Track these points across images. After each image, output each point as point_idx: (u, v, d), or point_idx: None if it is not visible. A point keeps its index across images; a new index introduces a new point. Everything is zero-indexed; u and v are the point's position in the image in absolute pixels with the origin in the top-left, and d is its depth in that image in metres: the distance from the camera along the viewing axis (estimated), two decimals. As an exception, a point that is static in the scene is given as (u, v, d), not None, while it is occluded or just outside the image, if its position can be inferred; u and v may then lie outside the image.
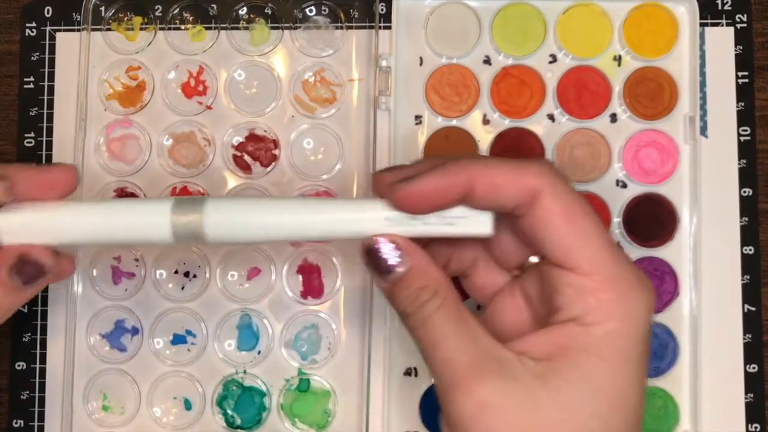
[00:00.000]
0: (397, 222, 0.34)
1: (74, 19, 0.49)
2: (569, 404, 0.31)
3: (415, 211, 0.33)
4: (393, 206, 0.34)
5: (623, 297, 0.32)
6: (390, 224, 0.34)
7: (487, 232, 0.34)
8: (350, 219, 0.34)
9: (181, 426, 0.47)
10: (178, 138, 0.48)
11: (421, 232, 0.34)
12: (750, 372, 0.47)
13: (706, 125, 0.48)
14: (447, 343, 0.32)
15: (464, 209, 0.34)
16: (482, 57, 0.48)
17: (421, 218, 0.34)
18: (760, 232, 0.48)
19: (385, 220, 0.34)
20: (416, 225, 0.34)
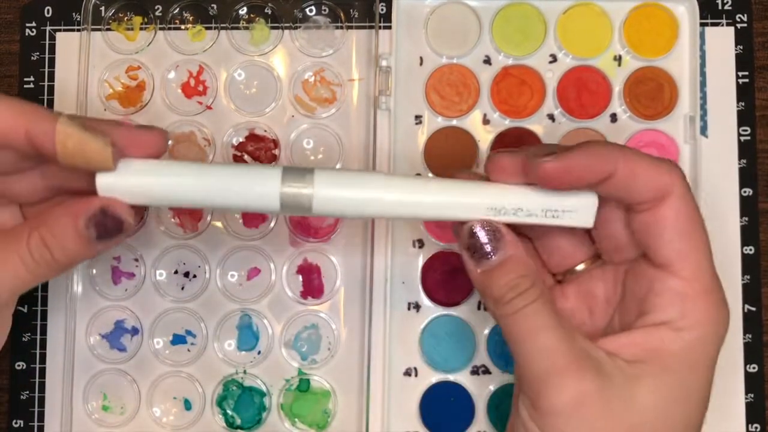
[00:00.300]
0: (500, 211, 0.34)
1: (74, 19, 0.49)
2: (663, 407, 0.33)
3: (556, 186, 0.33)
4: (525, 182, 0.34)
5: (714, 308, 0.34)
6: (493, 213, 0.34)
7: (589, 224, 0.35)
8: (454, 204, 0.34)
9: (181, 426, 0.47)
10: (178, 138, 0.48)
11: (524, 221, 0.34)
12: (750, 372, 0.47)
13: (706, 125, 0.48)
14: (546, 333, 0.33)
15: (569, 200, 0.34)
16: (482, 57, 0.48)
17: (525, 210, 0.34)
18: (761, 232, 0.48)
19: (491, 209, 0.34)
20: (520, 216, 0.34)
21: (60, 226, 0.33)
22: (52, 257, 0.34)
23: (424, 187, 0.35)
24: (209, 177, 0.34)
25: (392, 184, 0.34)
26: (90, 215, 0.33)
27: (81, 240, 0.33)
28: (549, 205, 0.34)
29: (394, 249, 0.46)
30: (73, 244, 0.33)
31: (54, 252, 0.34)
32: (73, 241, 0.33)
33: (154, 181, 0.34)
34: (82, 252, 0.34)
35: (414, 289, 0.47)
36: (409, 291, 0.47)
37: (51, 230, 0.33)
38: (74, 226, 0.33)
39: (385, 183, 0.34)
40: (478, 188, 0.35)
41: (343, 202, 0.34)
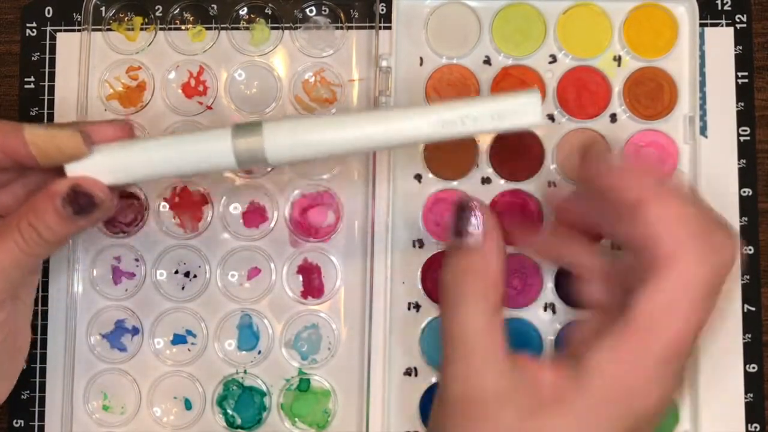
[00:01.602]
0: (448, 123, 0.35)
1: (75, 19, 0.49)
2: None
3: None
4: None
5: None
6: (442, 125, 0.35)
7: (537, 120, 0.35)
8: (402, 127, 0.35)
9: (182, 426, 0.47)
10: (178, 138, 0.48)
11: (474, 129, 0.35)
12: (750, 372, 0.47)
13: (705, 125, 0.48)
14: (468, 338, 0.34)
15: (513, 99, 0.35)
16: (482, 57, 0.48)
17: (471, 117, 0.35)
18: (760, 232, 0.48)
19: (435, 124, 0.35)
20: (468, 124, 0.35)
21: (41, 208, 0.36)
22: (39, 237, 0.37)
23: (373, 118, 0.36)
24: (166, 147, 0.37)
25: (341, 122, 0.36)
26: (63, 194, 0.36)
27: (61, 218, 0.36)
28: (494, 109, 0.35)
29: (394, 248, 0.46)
30: (54, 222, 0.37)
31: (41, 232, 0.37)
32: (54, 219, 0.36)
33: (117, 158, 0.37)
34: (66, 228, 0.37)
35: (414, 289, 0.47)
36: (409, 291, 0.47)
37: (35, 213, 0.37)
38: (53, 206, 0.36)
39: (335, 122, 0.36)
40: (423, 107, 0.36)
41: (295, 146, 0.36)
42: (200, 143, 0.36)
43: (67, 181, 0.36)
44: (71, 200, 0.36)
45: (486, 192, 0.47)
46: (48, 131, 0.36)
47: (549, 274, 0.47)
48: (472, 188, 0.47)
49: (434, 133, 0.35)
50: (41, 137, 0.36)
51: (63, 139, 0.36)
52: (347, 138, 0.36)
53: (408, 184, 0.47)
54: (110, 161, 0.37)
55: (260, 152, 0.36)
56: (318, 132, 0.36)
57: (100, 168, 0.37)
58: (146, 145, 0.37)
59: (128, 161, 0.37)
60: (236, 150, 0.36)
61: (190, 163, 0.37)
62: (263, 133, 0.36)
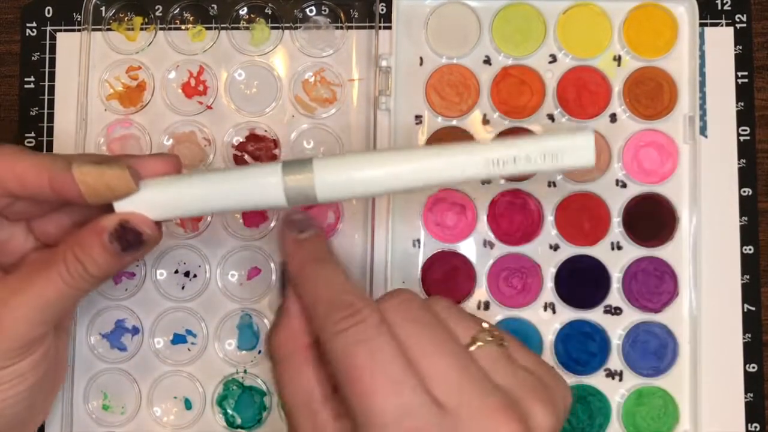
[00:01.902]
0: (499, 162, 0.34)
1: (75, 19, 0.49)
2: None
3: None
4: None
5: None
6: (494, 165, 0.34)
7: (591, 162, 0.34)
8: (453, 164, 0.34)
9: (182, 426, 0.47)
10: (178, 138, 0.48)
11: (526, 169, 0.34)
12: (750, 372, 0.47)
13: (705, 125, 0.48)
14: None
15: (567, 140, 0.34)
16: (482, 57, 0.48)
17: (524, 157, 0.34)
18: (760, 231, 0.48)
19: (489, 163, 0.34)
20: (520, 164, 0.34)
21: (88, 243, 0.36)
22: (86, 271, 0.36)
23: (422, 155, 0.35)
24: (214, 183, 0.36)
25: (390, 159, 0.35)
26: (111, 230, 0.35)
27: (108, 253, 0.36)
28: (546, 149, 0.34)
29: (394, 249, 0.46)
30: (101, 258, 0.36)
31: (87, 266, 0.36)
32: (101, 255, 0.36)
33: (165, 194, 0.36)
34: (112, 264, 0.36)
35: (414, 289, 0.47)
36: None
37: (81, 247, 0.36)
38: (100, 241, 0.35)
39: (383, 159, 0.35)
40: (474, 145, 0.35)
41: (345, 185, 0.35)
42: (249, 180, 0.35)
43: (116, 216, 0.36)
44: (119, 236, 0.35)
45: (486, 192, 0.47)
46: (97, 169, 0.35)
47: (549, 274, 0.47)
48: (472, 188, 0.47)
49: (485, 172, 0.34)
50: (90, 175, 0.35)
51: (112, 177, 0.35)
52: (397, 176, 0.35)
53: (408, 184, 0.47)
54: (158, 197, 0.36)
55: (311, 190, 0.35)
56: (368, 170, 0.35)
57: (148, 203, 0.36)
58: (194, 180, 0.36)
59: (176, 197, 0.36)
60: (286, 187, 0.35)
61: (238, 200, 0.36)
62: (314, 170, 0.35)
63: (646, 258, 0.47)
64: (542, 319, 0.47)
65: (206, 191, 0.35)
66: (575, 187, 0.47)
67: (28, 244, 0.39)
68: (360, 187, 0.35)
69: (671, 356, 0.47)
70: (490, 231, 0.47)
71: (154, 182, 0.36)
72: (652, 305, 0.47)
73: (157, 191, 0.36)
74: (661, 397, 0.47)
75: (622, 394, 0.47)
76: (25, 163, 0.35)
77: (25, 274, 0.37)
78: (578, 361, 0.47)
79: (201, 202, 0.36)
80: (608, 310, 0.47)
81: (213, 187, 0.35)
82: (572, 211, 0.47)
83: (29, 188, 0.35)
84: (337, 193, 0.35)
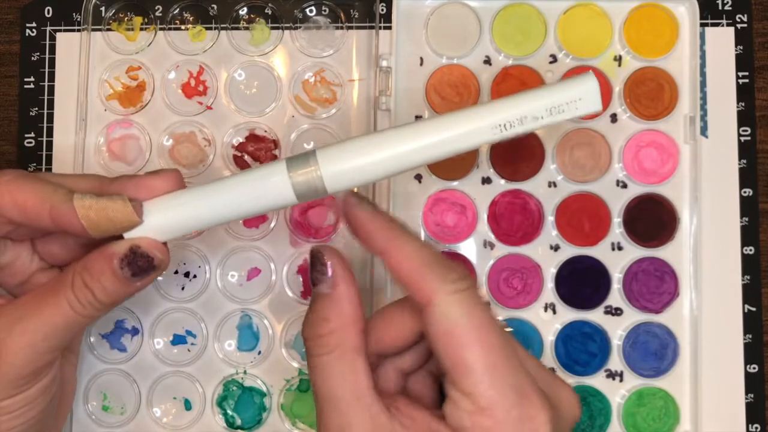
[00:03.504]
0: (507, 125, 0.33)
1: (74, 19, 0.49)
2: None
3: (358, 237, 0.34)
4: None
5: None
6: (502, 130, 0.33)
7: (598, 107, 0.34)
8: (461, 135, 0.34)
9: (181, 426, 0.47)
10: (178, 138, 0.48)
11: (535, 126, 0.33)
12: (750, 372, 0.47)
13: (706, 125, 0.48)
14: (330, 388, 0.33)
15: (570, 90, 0.33)
16: (482, 57, 0.48)
17: (530, 116, 0.33)
18: (761, 232, 0.48)
19: (497, 128, 0.33)
20: (527, 123, 0.33)
21: (97, 269, 0.35)
22: (95, 298, 0.35)
23: (427, 130, 0.34)
24: (220, 194, 0.35)
25: (394, 138, 0.34)
26: (121, 256, 0.34)
27: (118, 280, 0.35)
28: (552, 102, 0.33)
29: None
30: (111, 284, 0.35)
31: (96, 293, 0.35)
32: (111, 282, 0.35)
33: (172, 214, 0.35)
34: (121, 290, 0.35)
35: (414, 290, 0.47)
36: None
37: (90, 273, 0.35)
38: (110, 268, 0.35)
39: (387, 139, 0.34)
40: (478, 112, 0.34)
41: (353, 170, 0.34)
42: (255, 183, 0.34)
43: (126, 242, 0.35)
44: (130, 262, 0.34)
45: (486, 192, 0.47)
46: (99, 202, 0.34)
47: (549, 275, 0.47)
48: (472, 188, 0.47)
49: (494, 136, 0.34)
50: (93, 209, 0.34)
51: (115, 211, 0.34)
52: (405, 155, 0.34)
53: (408, 184, 0.47)
54: (165, 219, 0.35)
55: (319, 182, 0.34)
56: (374, 151, 0.34)
57: (155, 226, 0.35)
58: (198, 194, 0.35)
59: (183, 215, 0.35)
60: (294, 184, 0.34)
61: (248, 206, 0.34)
62: (318, 161, 0.34)
63: (646, 258, 0.47)
64: (542, 319, 0.47)
65: (213, 203, 0.35)
66: (575, 188, 0.47)
67: (33, 264, 0.39)
68: (369, 171, 0.34)
69: (672, 357, 0.47)
70: (491, 231, 0.47)
71: (158, 203, 0.35)
72: (653, 306, 0.47)
73: (163, 213, 0.35)
74: (662, 397, 0.46)
75: (622, 395, 0.47)
76: (26, 193, 0.34)
77: (32, 301, 0.36)
78: (579, 362, 0.47)
79: (209, 216, 0.35)
80: (609, 311, 0.47)
81: (219, 197, 0.34)
82: (572, 212, 0.47)
83: (30, 218, 0.35)
84: (347, 182, 0.34)
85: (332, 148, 0.34)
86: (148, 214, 0.35)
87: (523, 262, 0.47)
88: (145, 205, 0.35)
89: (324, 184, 0.34)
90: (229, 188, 0.35)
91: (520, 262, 0.47)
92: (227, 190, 0.34)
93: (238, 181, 0.35)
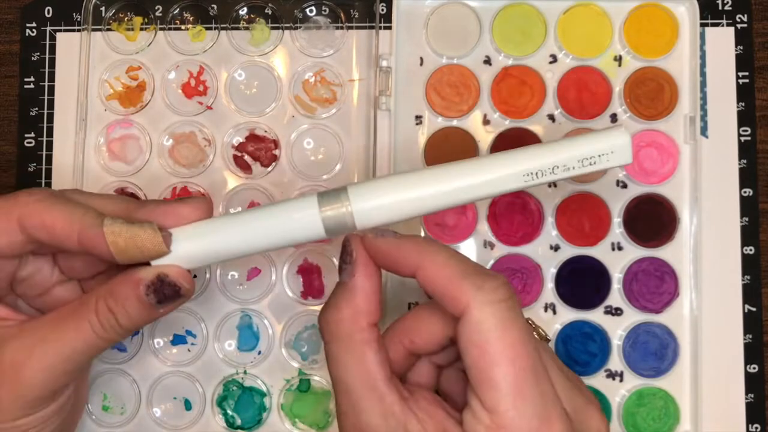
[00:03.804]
0: (537, 174, 0.33)
1: (74, 19, 0.49)
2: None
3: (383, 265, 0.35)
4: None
5: None
6: (531, 178, 0.34)
7: (629, 160, 0.34)
8: (491, 180, 0.34)
9: (181, 426, 0.47)
10: (178, 138, 0.48)
11: (566, 176, 0.34)
12: (750, 372, 0.47)
13: (706, 125, 0.48)
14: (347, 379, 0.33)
15: (602, 143, 0.33)
16: (482, 57, 0.48)
17: (562, 165, 0.33)
18: (761, 232, 0.48)
19: (528, 175, 0.34)
20: (559, 173, 0.34)
21: (123, 294, 0.35)
22: (117, 323, 0.35)
23: (458, 173, 0.34)
24: (249, 225, 0.35)
25: (425, 179, 0.34)
26: (148, 283, 0.34)
27: (143, 306, 0.35)
28: (583, 153, 0.33)
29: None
30: (135, 310, 0.35)
31: (119, 318, 0.35)
32: (136, 307, 0.35)
33: (199, 243, 0.35)
34: (145, 316, 0.35)
35: (414, 289, 0.47)
36: (409, 291, 0.47)
37: (115, 298, 0.35)
38: (136, 294, 0.34)
39: (418, 180, 0.34)
40: (510, 158, 0.34)
41: (383, 209, 0.34)
42: (285, 216, 0.34)
43: (154, 269, 0.34)
44: (156, 289, 0.34)
45: (486, 192, 0.47)
46: (129, 230, 0.34)
47: (549, 275, 0.47)
48: (473, 188, 0.47)
49: (524, 184, 0.34)
50: (122, 237, 0.34)
51: (145, 241, 0.34)
52: (434, 197, 0.34)
53: (408, 184, 0.47)
54: (192, 247, 0.35)
55: (349, 219, 0.34)
56: (404, 193, 0.34)
57: (182, 254, 0.35)
58: (227, 224, 0.35)
59: (211, 244, 0.35)
60: (324, 219, 0.34)
61: (276, 238, 0.34)
62: (350, 198, 0.34)
63: (646, 258, 0.47)
64: (543, 319, 0.47)
65: (241, 234, 0.34)
66: (576, 188, 0.47)
67: (53, 277, 0.39)
68: (397, 210, 0.34)
69: (672, 357, 0.47)
70: (491, 231, 0.47)
71: (186, 231, 0.35)
72: (653, 306, 0.47)
73: (191, 242, 0.35)
74: (662, 397, 0.46)
75: (622, 395, 0.47)
76: (55, 214, 0.34)
77: (54, 322, 0.36)
78: (579, 362, 0.47)
79: (236, 246, 0.35)
80: (609, 311, 0.47)
81: (247, 228, 0.34)
82: (573, 212, 0.47)
83: (57, 240, 0.35)
84: (376, 219, 0.34)
85: (364, 186, 0.34)
86: (176, 242, 0.35)
87: (523, 262, 0.47)
88: (174, 233, 0.35)
89: (354, 221, 0.34)
90: (258, 219, 0.35)
91: (520, 262, 0.47)
92: (256, 221, 0.35)
93: (268, 213, 0.35)
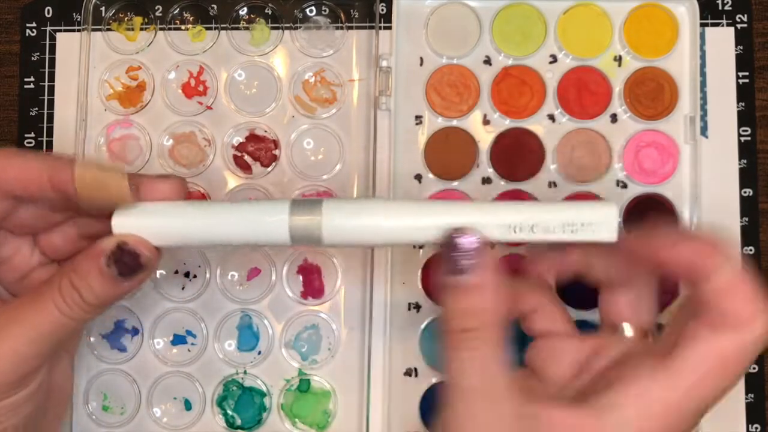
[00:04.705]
0: (515, 228, 0.33)
1: (74, 19, 0.49)
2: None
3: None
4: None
5: None
6: (507, 231, 0.33)
7: (612, 238, 0.33)
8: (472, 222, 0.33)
9: (181, 426, 0.47)
10: (178, 138, 0.48)
11: (542, 238, 0.33)
12: (750, 372, 0.47)
13: (706, 125, 0.48)
14: (467, 386, 0.32)
15: (589, 212, 0.33)
16: (482, 57, 0.48)
17: (542, 226, 0.33)
18: (761, 232, 0.48)
19: (505, 227, 0.33)
20: (537, 232, 0.33)
21: (84, 267, 0.34)
22: (81, 299, 0.34)
23: (438, 211, 0.34)
24: (219, 215, 0.35)
25: (403, 210, 0.34)
26: (108, 253, 0.34)
27: (105, 279, 0.34)
28: (566, 219, 0.33)
29: (394, 249, 0.46)
30: (98, 283, 0.34)
31: (83, 293, 0.34)
32: (98, 280, 0.34)
33: (166, 221, 0.35)
34: (109, 291, 0.35)
35: (414, 289, 0.47)
36: (409, 291, 0.47)
37: (78, 273, 0.34)
38: (96, 265, 0.34)
39: (396, 209, 0.34)
40: (493, 207, 0.34)
41: (352, 230, 0.34)
42: (255, 215, 0.34)
43: (113, 238, 0.34)
44: (117, 259, 0.34)
45: (486, 192, 0.47)
46: (97, 170, 0.34)
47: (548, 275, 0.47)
48: (472, 188, 0.47)
49: (501, 235, 0.33)
50: (89, 174, 0.33)
51: (111, 178, 0.33)
52: (410, 229, 0.34)
53: (408, 184, 0.47)
54: (159, 223, 0.35)
55: (317, 231, 0.34)
56: (379, 218, 0.34)
57: (148, 229, 0.34)
58: (198, 210, 0.35)
59: (178, 225, 0.35)
60: (292, 226, 0.34)
61: (242, 234, 0.35)
62: (322, 212, 0.34)
63: (646, 258, 0.47)
64: (542, 319, 0.47)
65: (208, 221, 0.35)
66: (576, 188, 0.47)
67: (34, 259, 0.39)
68: (368, 235, 0.34)
69: (672, 357, 0.47)
70: (491, 231, 0.47)
71: (156, 206, 0.35)
72: (653, 306, 0.47)
73: (159, 217, 0.35)
74: (662, 397, 0.46)
75: (622, 395, 0.47)
76: (29, 162, 0.34)
77: (18, 305, 0.35)
78: (578, 362, 0.47)
79: (201, 233, 0.35)
80: (609, 311, 0.47)
81: (215, 218, 0.35)
82: (573, 212, 0.47)
83: (31, 188, 0.35)
84: (344, 239, 0.34)
85: (339, 203, 0.34)
86: (143, 214, 0.35)
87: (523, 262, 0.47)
88: (143, 206, 0.35)
89: (321, 235, 0.34)
90: (229, 212, 0.35)
91: (520, 263, 0.47)
92: (226, 213, 0.35)
93: (240, 208, 0.35)
